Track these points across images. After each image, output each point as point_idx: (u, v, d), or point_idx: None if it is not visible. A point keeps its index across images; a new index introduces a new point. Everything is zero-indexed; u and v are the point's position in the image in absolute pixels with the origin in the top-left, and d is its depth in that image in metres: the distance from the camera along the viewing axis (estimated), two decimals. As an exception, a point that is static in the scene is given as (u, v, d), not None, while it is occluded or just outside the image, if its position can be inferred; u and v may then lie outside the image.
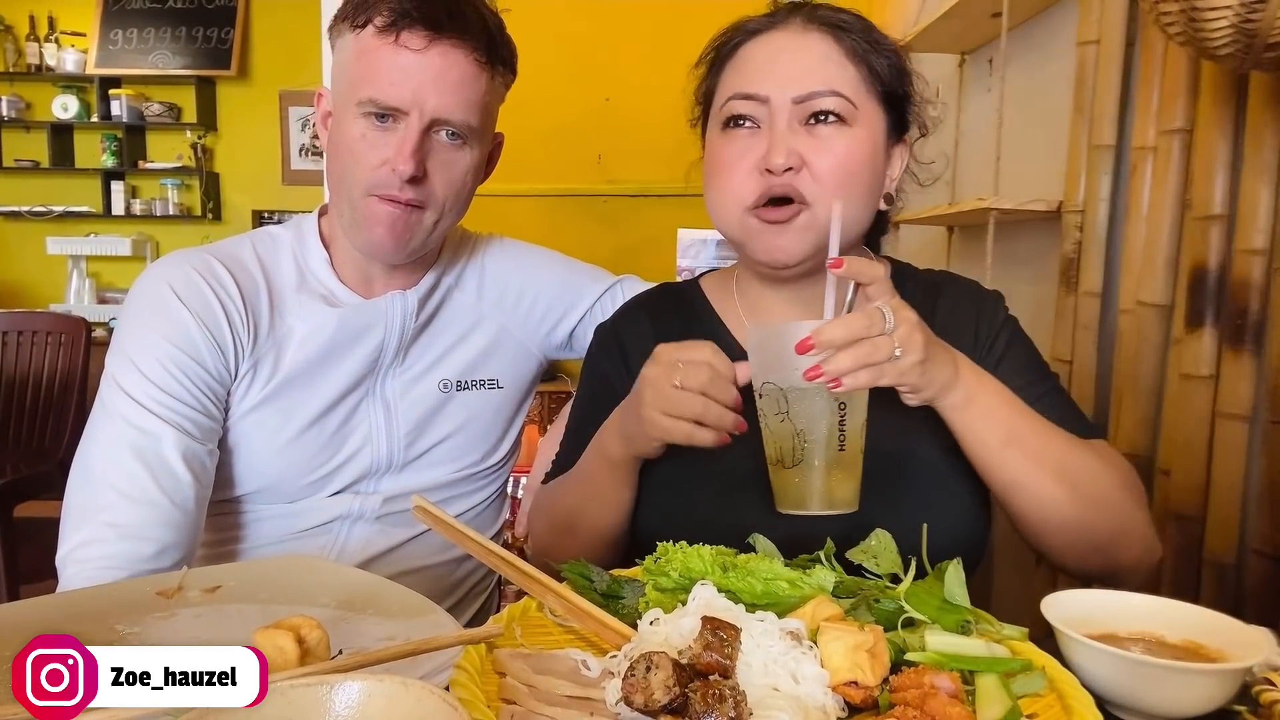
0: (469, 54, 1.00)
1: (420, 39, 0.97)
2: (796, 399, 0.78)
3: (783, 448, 0.79)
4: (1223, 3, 1.02)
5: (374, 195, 1.01)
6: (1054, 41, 2.01)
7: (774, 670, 0.59)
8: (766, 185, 0.90)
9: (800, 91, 0.90)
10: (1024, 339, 1.01)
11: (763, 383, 0.80)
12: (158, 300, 1.01)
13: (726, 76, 0.96)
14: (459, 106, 1.00)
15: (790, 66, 0.91)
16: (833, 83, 0.90)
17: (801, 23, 0.94)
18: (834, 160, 0.90)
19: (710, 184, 0.96)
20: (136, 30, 4.90)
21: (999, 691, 0.59)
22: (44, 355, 3.05)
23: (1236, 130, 1.36)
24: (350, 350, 1.08)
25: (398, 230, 1.03)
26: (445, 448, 1.16)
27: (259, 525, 1.09)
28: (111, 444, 0.96)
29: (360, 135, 1.00)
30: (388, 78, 0.98)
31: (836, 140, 0.90)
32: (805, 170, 0.90)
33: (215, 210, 5.04)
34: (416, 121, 0.99)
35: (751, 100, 0.91)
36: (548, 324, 1.25)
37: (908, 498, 0.89)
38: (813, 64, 0.91)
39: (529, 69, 1.18)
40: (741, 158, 0.92)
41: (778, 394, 0.78)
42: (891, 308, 0.76)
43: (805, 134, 0.90)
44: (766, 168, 0.89)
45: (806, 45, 0.92)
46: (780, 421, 0.79)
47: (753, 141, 0.92)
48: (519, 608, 0.72)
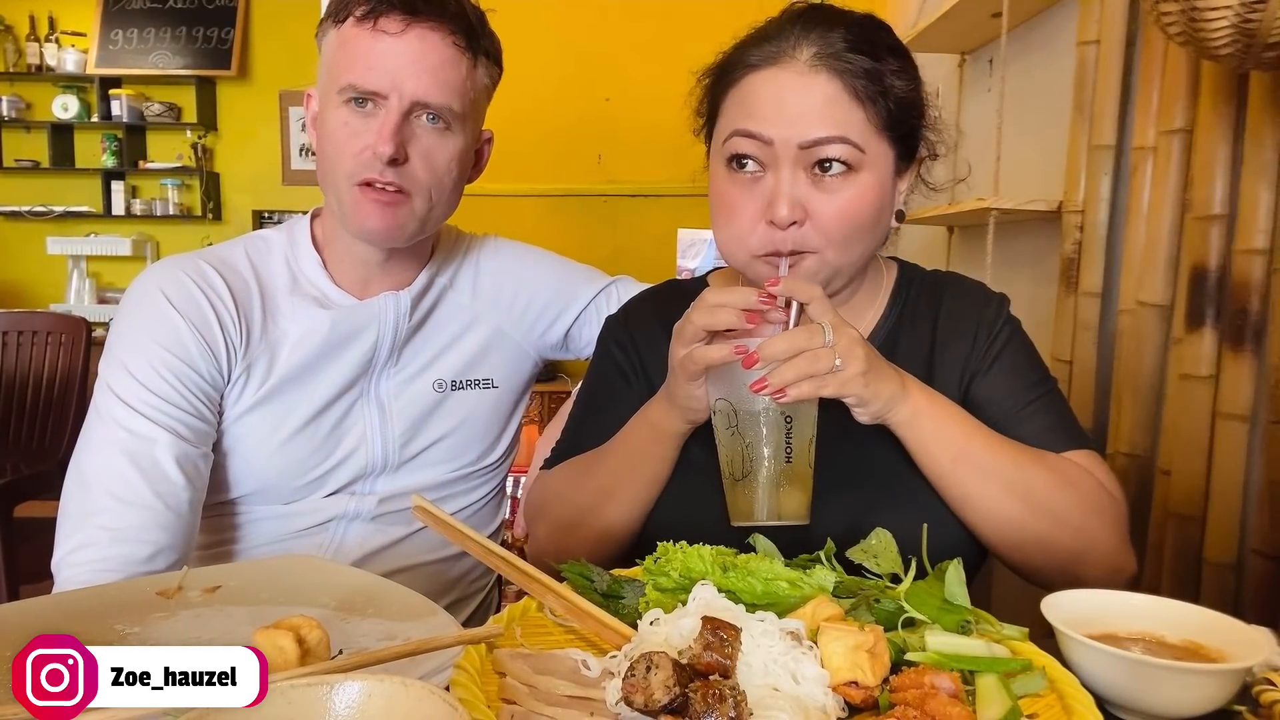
0: (447, 36, 1.00)
1: (397, 23, 0.98)
2: (745, 413, 0.82)
3: (733, 461, 0.83)
4: (1223, 3, 1.02)
5: (358, 184, 1.01)
6: (1054, 41, 2.01)
7: (774, 670, 0.59)
8: (772, 242, 0.88)
9: (805, 138, 0.86)
10: (1023, 342, 1.00)
11: (715, 399, 0.84)
12: (150, 305, 1.01)
13: (729, 106, 0.93)
14: (438, 89, 1.00)
15: (795, 109, 0.87)
16: (839, 128, 0.87)
17: (808, 63, 0.88)
18: (839, 212, 0.88)
19: (717, 223, 0.94)
20: (137, 30, 4.90)
21: (999, 691, 0.59)
22: (44, 355, 3.05)
23: (1236, 130, 1.36)
24: (343, 352, 1.08)
25: (388, 216, 1.03)
26: (441, 448, 1.16)
27: (254, 526, 1.10)
28: (105, 448, 0.97)
29: (343, 123, 1.01)
30: (365, 62, 0.99)
31: (843, 190, 0.88)
32: (809, 223, 0.88)
33: (215, 210, 5.04)
34: (396, 104, 0.99)
35: (755, 140, 0.88)
36: (543, 324, 1.25)
37: (912, 500, 0.89)
38: (819, 107, 0.87)
39: (529, 69, 1.18)
40: (746, 203, 0.90)
41: (728, 409, 0.83)
42: (831, 324, 0.80)
43: (810, 182, 0.88)
44: (771, 219, 0.87)
45: (813, 87, 0.87)
46: (730, 435, 0.83)
47: (757, 188, 0.89)
48: (519, 608, 0.72)
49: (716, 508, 0.88)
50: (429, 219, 1.07)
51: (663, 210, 3.82)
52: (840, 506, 0.89)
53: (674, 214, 3.65)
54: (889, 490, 0.91)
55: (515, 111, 1.20)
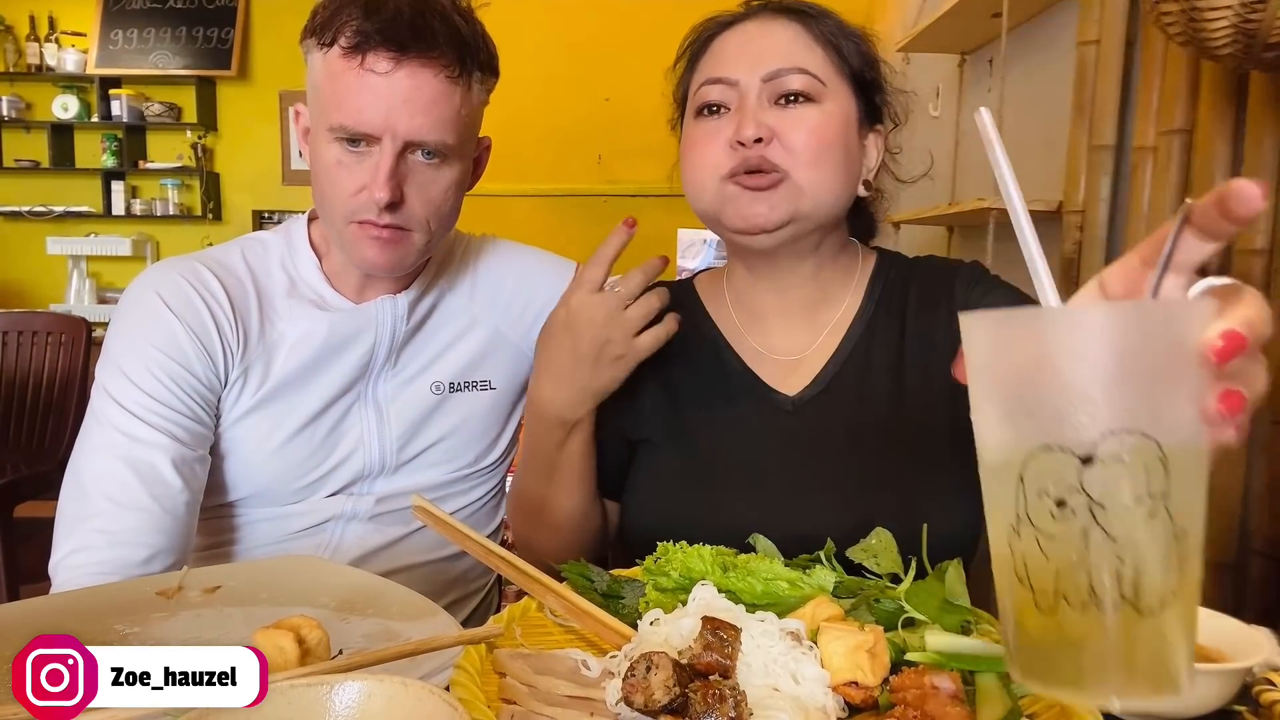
0: (438, 72, 0.96)
1: (385, 61, 0.94)
2: (1181, 466, 0.39)
3: (1067, 569, 0.40)
4: (1223, 3, 1.02)
5: (355, 222, 1.00)
6: (1054, 41, 2.01)
7: (774, 670, 0.59)
8: (741, 158, 0.90)
9: (768, 69, 0.91)
10: (1009, 290, 0.99)
11: (1110, 432, 0.39)
12: (146, 308, 1.01)
13: (700, 68, 0.98)
14: (432, 127, 0.97)
15: (759, 49, 0.93)
16: (800, 61, 0.92)
17: (770, 12, 0.96)
18: (805, 132, 0.90)
19: (685, 164, 0.97)
20: (137, 30, 4.90)
21: (999, 691, 0.59)
22: (44, 355, 3.05)
23: (1236, 130, 1.36)
24: (341, 355, 1.08)
25: (387, 253, 1.02)
26: (439, 450, 1.16)
27: (252, 528, 1.09)
28: (102, 452, 0.96)
29: (336, 161, 0.99)
30: (356, 103, 0.95)
31: (807, 114, 0.91)
32: (776, 142, 0.90)
33: (215, 210, 5.04)
34: (390, 146, 0.96)
35: (721, 84, 0.93)
36: (541, 324, 1.25)
37: (914, 498, 0.89)
38: (780, 45, 0.93)
39: (529, 69, 1.18)
40: (714, 136, 0.93)
41: (1150, 457, 0.39)
42: None
43: (775, 111, 0.91)
44: (738, 140, 0.90)
45: (775, 29, 0.94)
46: (1067, 519, 0.40)
47: (724, 122, 0.93)
48: (519, 608, 0.72)
49: (716, 506, 0.87)
50: (430, 247, 1.07)
51: (663, 210, 3.81)
52: (840, 505, 0.89)
53: (674, 214, 3.63)
54: (899, 489, 0.91)
55: (515, 111, 1.20)
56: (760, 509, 0.89)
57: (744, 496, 0.92)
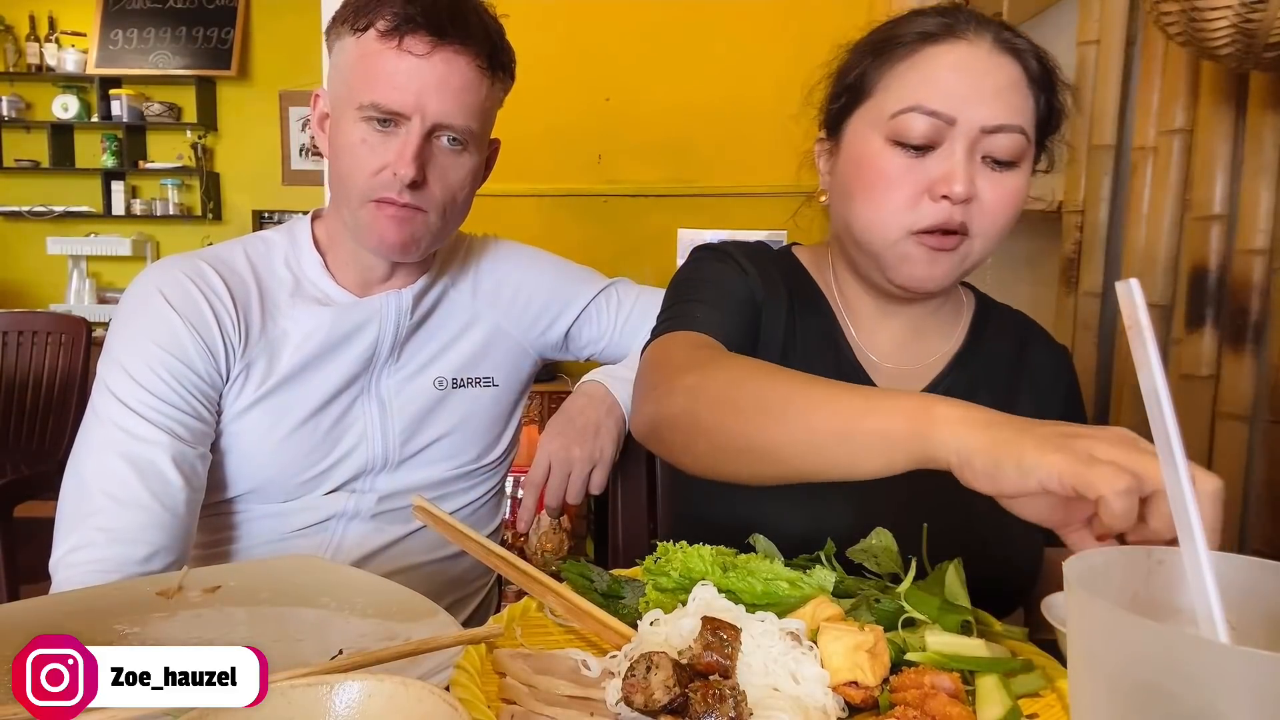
0: (472, 60, 1.00)
1: (424, 44, 0.98)
2: None
3: None
4: (1223, 3, 1.02)
5: (374, 200, 1.02)
6: (1054, 41, 2.00)
7: (774, 670, 0.59)
8: (946, 214, 0.84)
9: (991, 120, 0.83)
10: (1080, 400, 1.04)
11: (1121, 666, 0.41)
12: (147, 305, 1.01)
13: (901, 79, 0.87)
14: (461, 112, 1.01)
15: (981, 88, 0.84)
16: (1020, 118, 0.85)
17: (991, 41, 0.85)
18: (1005, 198, 0.85)
19: (867, 196, 0.88)
20: (137, 30, 4.90)
21: (999, 691, 0.59)
22: (44, 355, 3.05)
23: (1236, 130, 1.36)
24: (344, 349, 1.09)
25: (404, 232, 1.03)
26: (441, 445, 1.16)
27: (253, 525, 1.09)
28: (102, 449, 0.96)
29: (361, 139, 1.00)
30: (390, 82, 0.98)
31: (1009, 179, 0.86)
32: (975, 202, 0.85)
33: (215, 210, 5.04)
34: (418, 126, 0.99)
35: (937, 120, 0.84)
36: (542, 323, 1.26)
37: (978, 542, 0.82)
38: (1003, 90, 0.84)
39: (529, 69, 1.18)
40: (908, 175, 0.85)
41: None
42: None
43: (985, 171, 0.86)
44: (945, 194, 0.83)
45: (999, 67, 0.85)
46: None
47: (922, 162, 0.85)
48: (519, 608, 0.72)
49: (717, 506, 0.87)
50: (442, 233, 1.08)
51: (663, 210, 3.82)
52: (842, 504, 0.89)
53: (674, 214, 3.64)
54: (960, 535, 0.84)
55: (515, 111, 1.20)
56: (760, 509, 0.88)
57: (747, 495, 0.83)
